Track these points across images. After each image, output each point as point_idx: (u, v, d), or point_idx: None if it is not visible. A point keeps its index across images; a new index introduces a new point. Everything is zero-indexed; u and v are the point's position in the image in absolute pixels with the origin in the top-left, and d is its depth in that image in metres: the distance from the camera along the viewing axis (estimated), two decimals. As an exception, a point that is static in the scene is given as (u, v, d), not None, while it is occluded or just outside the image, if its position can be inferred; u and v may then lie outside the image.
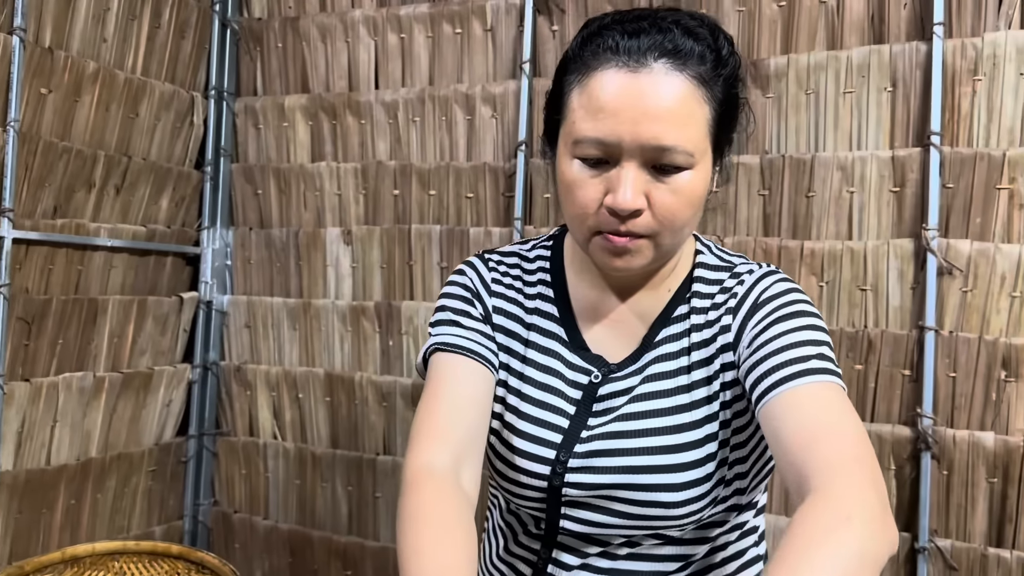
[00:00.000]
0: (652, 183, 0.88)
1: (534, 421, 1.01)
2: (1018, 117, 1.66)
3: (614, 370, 1.00)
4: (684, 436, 0.95)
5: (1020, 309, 1.65)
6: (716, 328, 0.97)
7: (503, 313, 1.06)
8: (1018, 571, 1.62)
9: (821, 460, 0.79)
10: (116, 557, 1.46)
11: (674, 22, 0.88)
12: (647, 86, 0.85)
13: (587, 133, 0.87)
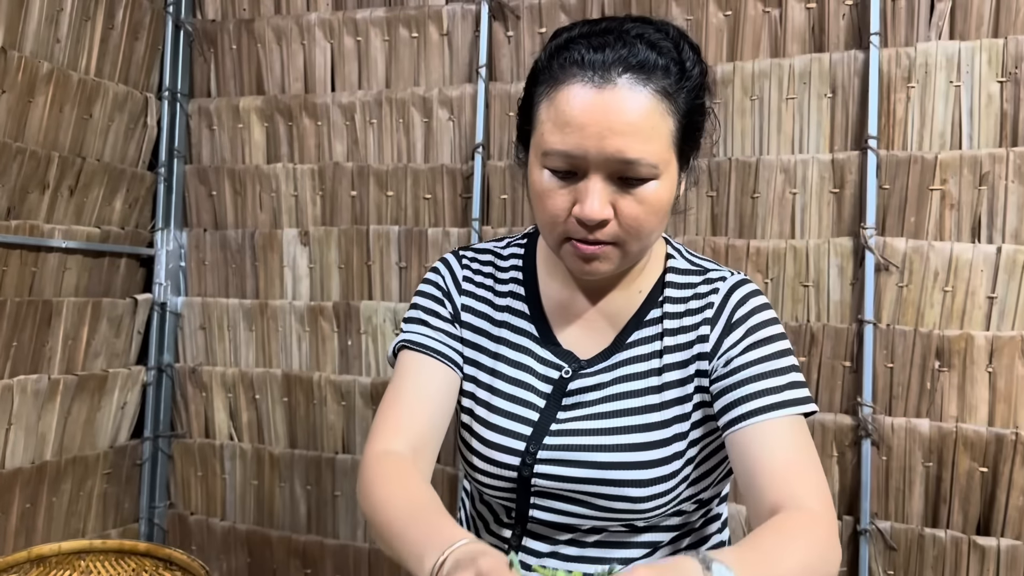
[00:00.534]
0: (618, 194, 0.92)
1: (504, 414, 1.05)
2: (949, 122, 1.77)
3: (584, 366, 1.05)
4: (653, 435, 1.00)
5: (952, 303, 1.75)
6: (693, 336, 1.02)
7: (472, 311, 1.11)
8: (952, 549, 1.72)
9: (787, 497, 0.88)
10: (82, 556, 1.47)
11: (639, 35, 0.92)
12: (612, 101, 0.89)
13: (555, 146, 0.92)
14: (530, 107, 0.98)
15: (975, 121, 1.75)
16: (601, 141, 0.89)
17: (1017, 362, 1.69)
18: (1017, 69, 1.71)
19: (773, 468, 0.91)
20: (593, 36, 0.93)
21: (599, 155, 0.90)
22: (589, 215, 0.91)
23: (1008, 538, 1.69)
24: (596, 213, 0.91)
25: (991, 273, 1.72)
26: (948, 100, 1.77)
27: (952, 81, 1.76)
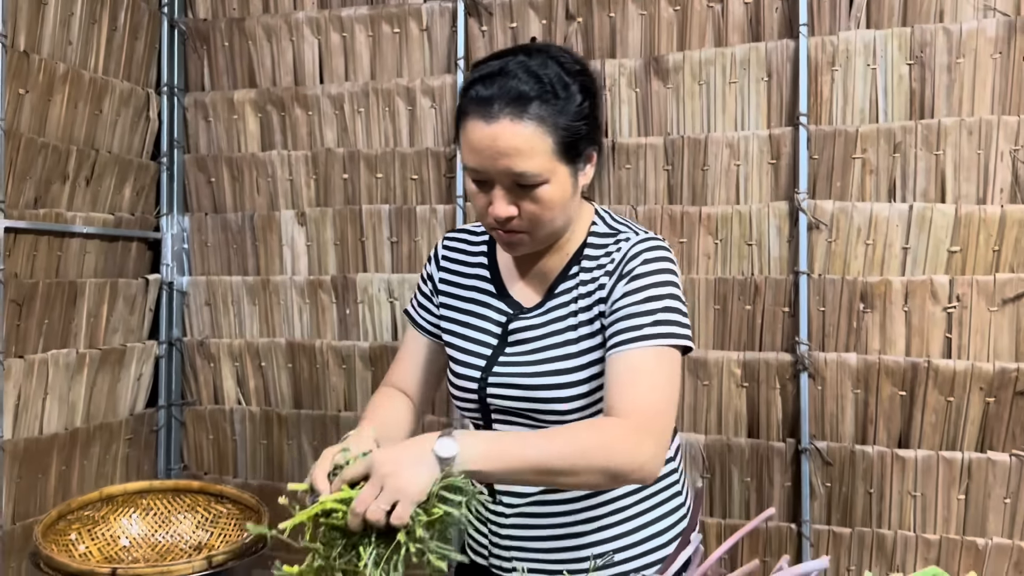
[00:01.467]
0: (519, 195, 1.18)
1: (468, 352, 1.35)
2: (867, 100, 2.07)
3: (523, 312, 1.32)
4: (570, 363, 1.27)
5: (873, 254, 2.06)
6: (596, 285, 1.28)
7: (447, 282, 1.41)
8: (878, 462, 2.05)
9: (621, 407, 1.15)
10: (144, 495, 1.71)
11: (520, 64, 1.17)
12: (498, 132, 1.14)
13: (468, 163, 1.20)
14: (457, 124, 1.24)
15: (889, 98, 2.06)
16: (494, 162, 1.16)
17: (928, 302, 2.01)
18: (923, 53, 2.02)
19: (617, 387, 1.18)
20: (484, 77, 1.18)
21: (496, 172, 1.17)
22: (495, 216, 1.19)
23: (924, 449, 2.02)
24: (500, 215, 1.19)
25: (904, 228, 2.04)
26: (866, 81, 2.07)
27: (869, 64, 2.06)
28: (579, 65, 1.23)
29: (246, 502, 1.67)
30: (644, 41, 2.25)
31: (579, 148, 1.21)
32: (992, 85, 1.98)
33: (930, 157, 2.02)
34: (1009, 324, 1.96)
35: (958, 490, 1.99)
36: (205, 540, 1.69)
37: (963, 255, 2.00)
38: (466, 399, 1.34)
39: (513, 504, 1.34)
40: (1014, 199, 1.97)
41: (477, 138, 1.16)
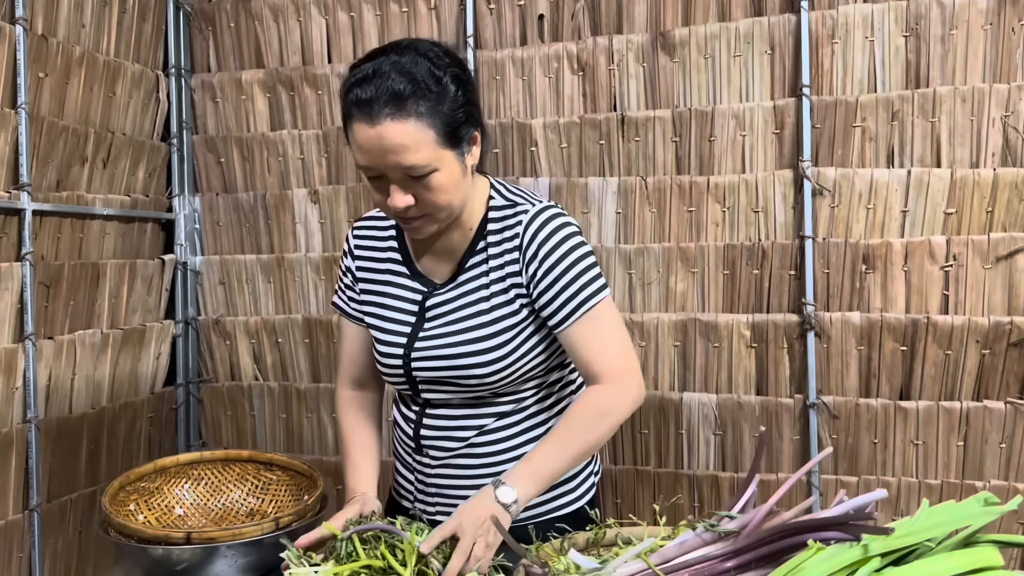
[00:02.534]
0: (413, 185, 1.26)
1: (388, 331, 1.45)
2: (866, 71, 2.17)
3: (438, 288, 1.42)
4: (485, 331, 1.38)
5: (874, 218, 2.18)
6: (505, 260, 1.38)
7: (363, 269, 1.51)
8: (882, 413, 2.17)
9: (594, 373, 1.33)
10: (195, 465, 1.76)
11: (393, 64, 1.23)
12: (382, 132, 1.21)
13: (361, 163, 1.27)
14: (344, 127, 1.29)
15: (886, 69, 2.16)
16: (384, 159, 1.23)
17: (926, 261, 2.13)
18: (918, 25, 2.12)
19: (581, 355, 1.35)
20: (361, 81, 1.24)
21: (386, 168, 1.25)
22: (393, 207, 1.28)
23: (925, 400, 2.14)
24: (399, 205, 1.27)
25: (903, 192, 2.15)
26: (865, 53, 2.17)
27: (867, 37, 2.16)
28: (448, 57, 1.30)
29: (297, 468, 1.73)
30: (650, 17, 2.32)
31: (460, 134, 1.28)
32: (983, 55, 2.09)
33: (926, 124, 2.13)
34: (1002, 280, 2.09)
35: (957, 437, 2.13)
36: (257, 506, 1.75)
37: (958, 216, 2.12)
38: (392, 372, 1.45)
39: (438, 457, 1.46)
40: (1005, 163, 2.09)
41: (364, 139, 1.23)
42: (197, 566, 1.42)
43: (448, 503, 1.47)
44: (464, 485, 1.46)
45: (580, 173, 2.36)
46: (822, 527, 0.95)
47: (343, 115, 1.28)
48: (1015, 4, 2.05)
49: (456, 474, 1.47)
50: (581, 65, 2.35)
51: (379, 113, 1.21)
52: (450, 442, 1.46)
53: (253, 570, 1.45)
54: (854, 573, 0.91)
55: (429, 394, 1.45)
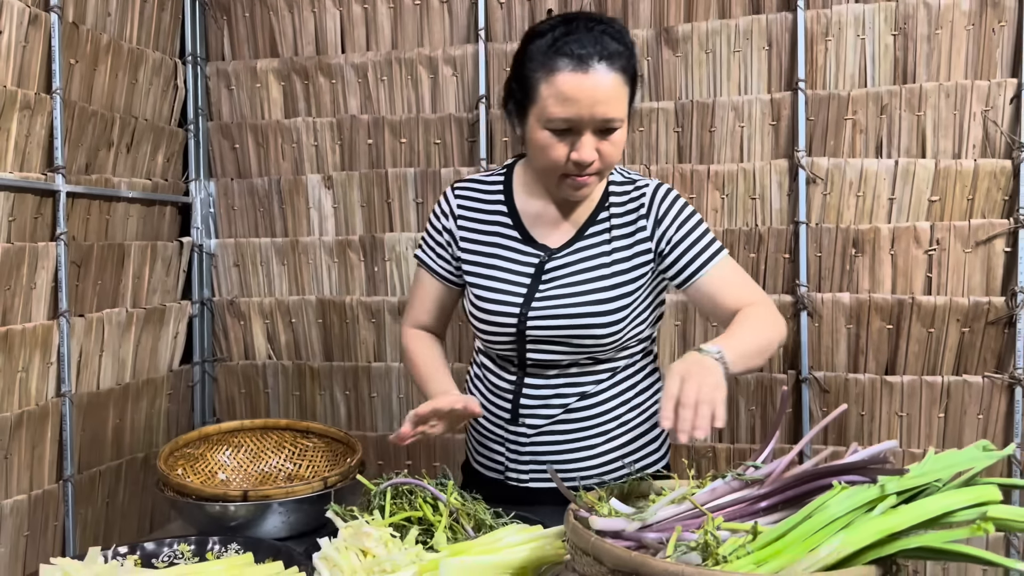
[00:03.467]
0: (600, 141, 1.39)
1: (501, 291, 1.53)
2: (857, 67, 2.32)
3: (555, 253, 1.53)
4: (605, 293, 1.49)
5: (863, 205, 2.33)
6: (633, 228, 1.51)
7: (467, 228, 1.59)
8: (869, 387, 2.33)
9: (743, 301, 1.43)
10: (235, 433, 1.87)
11: (602, 31, 1.37)
12: (596, 82, 1.34)
13: (558, 115, 1.36)
14: (526, 82, 1.41)
15: (876, 66, 2.31)
16: (591, 109, 1.35)
17: (911, 245, 2.28)
18: (906, 25, 2.27)
19: (725, 293, 1.47)
20: (573, 34, 1.37)
21: (590, 119, 1.36)
22: (586, 159, 1.39)
23: (909, 375, 2.30)
24: (588, 158, 1.39)
25: (891, 181, 2.30)
26: (856, 50, 2.32)
27: (859, 35, 2.30)
28: (627, 32, 1.44)
29: (333, 435, 1.84)
30: (655, 13, 2.45)
31: (633, 100, 1.44)
32: (966, 53, 2.25)
33: (912, 118, 2.28)
34: (981, 263, 2.25)
35: (938, 409, 2.29)
36: (294, 471, 1.86)
37: (941, 204, 2.27)
38: (502, 332, 1.52)
39: (536, 425, 1.56)
40: (985, 154, 2.25)
41: (573, 87, 1.34)
42: (251, 522, 1.53)
43: (543, 470, 1.56)
44: (560, 451, 1.55)
45: (587, 161, 2.49)
46: (845, 471, 1.08)
47: (532, 66, 1.38)
48: (996, 6, 2.20)
49: (552, 440, 1.55)
50: (589, 58, 2.47)
51: (596, 66, 1.34)
52: (549, 409, 1.54)
53: (301, 526, 1.56)
54: (872, 508, 1.04)
55: (536, 355, 1.52)
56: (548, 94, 1.36)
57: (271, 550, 1.41)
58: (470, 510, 1.44)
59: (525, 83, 1.41)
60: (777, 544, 1.03)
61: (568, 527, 1.11)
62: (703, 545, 1.01)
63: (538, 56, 1.39)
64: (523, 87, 1.42)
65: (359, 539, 1.34)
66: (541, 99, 1.37)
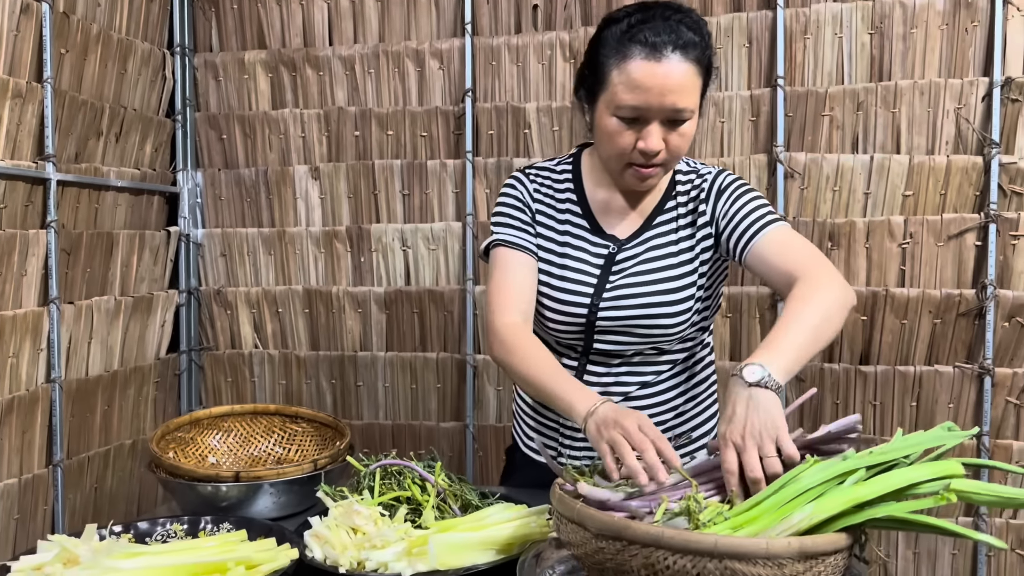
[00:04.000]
0: (668, 132, 1.38)
1: (572, 280, 1.53)
2: (834, 64, 2.38)
3: (624, 244, 1.54)
4: (673, 284, 1.51)
5: (839, 199, 2.39)
6: (695, 215, 1.52)
7: (543, 214, 1.58)
8: (843, 376, 2.39)
9: (803, 268, 1.36)
10: (225, 418, 1.90)
11: (679, 21, 1.37)
12: (668, 71, 1.34)
13: (627, 102, 1.36)
14: (598, 68, 1.42)
15: (853, 63, 2.37)
16: (661, 99, 1.34)
17: (885, 239, 2.35)
18: (882, 24, 2.33)
19: (782, 258, 1.38)
20: (648, 22, 1.37)
21: (660, 109, 1.36)
22: (653, 148, 1.38)
23: (882, 365, 2.37)
24: (654, 147, 1.38)
25: (866, 176, 2.36)
26: (834, 48, 2.38)
27: (836, 33, 2.37)
28: (704, 23, 1.42)
29: (322, 420, 1.88)
30: (638, 10, 2.50)
31: (706, 92, 1.43)
32: (940, 52, 2.31)
33: (888, 114, 2.35)
34: (953, 257, 2.32)
35: (911, 398, 2.36)
36: (284, 455, 1.89)
37: (915, 198, 2.34)
38: (571, 321, 1.51)
39: None
40: (957, 150, 2.31)
41: (646, 76, 1.32)
42: (243, 502, 1.56)
43: (595, 456, 1.53)
44: None
45: (571, 154, 2.54)
46: (821, 442, 1.14)
47: (606, 52, 1.36)
48: (969, 7, 2.27)
49: None
50: (573, 53, 2.52)
51: (670, 55, 1.32)
52: (610, 397, 1.45)
53: (292, 507, 1.60)
54: (843, 481, 1.09)
55: (603, 344, 1.51)
56: (619, 81, 1.34)
57: (263, 529, 1.45)
58: (456, 490, 1.49)
59: (597, 69, 1.39)
60: (753, 511, 1.08)
61: (555, 498, 1.16)
62: (685, 510, 1.06)
63: (612, 42, 1.36)
64: (595, 73, 1.40)
65: (349, 517, 1.39)
66: (612, 85, 1.35)
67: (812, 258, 1.38)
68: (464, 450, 2.62)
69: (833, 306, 1.30)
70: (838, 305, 1.31)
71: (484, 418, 2.64)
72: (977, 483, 1.06)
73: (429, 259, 2.65)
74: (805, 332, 1.25)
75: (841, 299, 1.32)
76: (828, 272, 1.35)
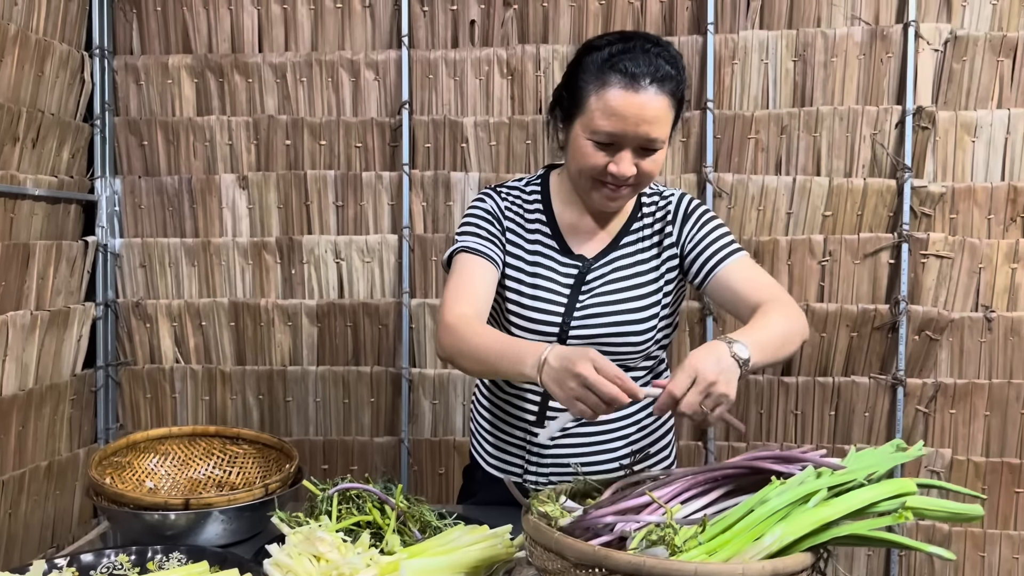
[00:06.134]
0: (639, 158, 1.44)
1: (542, 299, 1.56)
2: (760, 89, 2.49)
3: (592, 263, 1.58)
4: (640, 302, 1.56)
5: (764, 218, 2.49)
6: (662, 236, 1.58)
7: (513, 232, 1.61)
8: (767, 388, 2.50)
9: (770, 297, 1.45)
10: (163, 441, 1.84)
11: (657, 54, 1.43)
12: (644, 102, 1.39)
13: (603, 128, 1.41)
14: (576, 91, 1.46)
15: (777, 89, 2.48)
16: (636, 128, 1.40)
17: (806, 256, 2.47)
18: (805, 52, 2.45)
19: (749, 285, 1.49)
20: (628, 53, 1.42)
21: (634, 137, 1.41)
22: (624, 174, 1.43)
23: (803, 376, 2.49)
24: (626, 172, 1.43)
25: (789, 196, 2.48)
26: (759, 73, 2.48)
27: (762, 59, 2.47)
28: (681, 57, 1.48)
29: (264, 441, 1.83)
30: (574, 29, 2.54)
31: (677, 123, 1.49)
32: (858, 80, 2.45)
33: (809, 138, 2.47)
34: (868, 274, 2.46)
35: (830, 407, 2.48)
36: (224, 479, 1.84)
37: (834, 218, 2.47)
38: (543, 340, 1.50)
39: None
40: (873, 173, 2.45)
41: (622, 104, 1.38)
42: (191, 530, 1.52)
43: (561, 471, 1.59)
44: (581, 453, 1.59)
45: (508, 169, 2.56)
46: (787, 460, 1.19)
47: (586, 78, 1.41)
48: (884, 39, 2.41)
49: (574, 443, 1.59)
50: (510, 70, 2.54)
51: (648, 87, 1.37)
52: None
53: (242, 533, 1.56)
54: (807, 501, 1.15)
55: None
56: (597, 107, 1.40)
57: (216, 558, 1.41)
58: (416, 512, 1.48)
59: (576, 92, 1.44)
60: (726, 535, 1.12)
61: (529, 526, 1.17)
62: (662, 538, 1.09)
63: (592, 68, 1.42)
64: (573, 96, 1.45)
65: (312, 544, 1.36)
66: (590, 110, 1.41)
67: (778, 289, 1.49)
68: (399, 465, 2.60)
69: (796, 330, 1.40)
70: (799, 332, 1.41)
71: (419, 432, 2.63)
72: (930, 499, 1.14)
73: (364, 272, 2.63)
74: (777, 335, 1.36)
75: (802, 328, 1.42)
76: (792, 305, 1.45)
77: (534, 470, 1.63)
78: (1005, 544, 2.45)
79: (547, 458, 1.61)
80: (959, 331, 2.43)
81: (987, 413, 2.43)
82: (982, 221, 2.43)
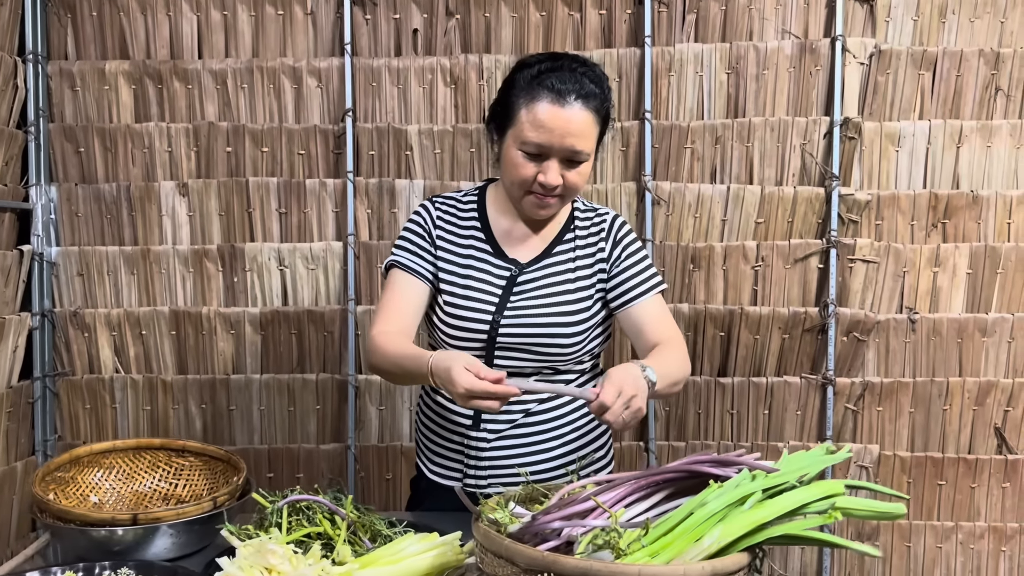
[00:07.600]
0: (566, 169, 1.54)
1: (474, 300, 1.64)
2: (695, 101, 2.57)
3: (525, 267, 1.66)
4: (570, 307, 1.64)
5: (700, 225, 2.58)
6: (596, 248, 1.67)
7: (444, 239, 1.69)
8: (704, 388, 2.58)
9: (665, 338, 1.61)
10: (107, 454, 1.82)
11: (582, 73, 1.54)
12: (570, 116, 1.50)
13: (531, 139, 1.51)
14: (508, 106, 1.56)
15: (712, 100, 2.56)
16: (562, 140, 1.51)
17: (740, 261, 2.56)
18: (738, 65, 2.54)
19: (655, 326, 1.64)
20: (556, 71, 1.52)
21: (560, 149, 1.52)
22: (551, 183, 1.53)
23: (739, 376, 2.58)
24: (553, 182, 1.54)
25: (723, 204, 2.56)
26: (695, 85, 2.56)
27: (697, 72, 2.55)
28: (607, 78, 1.61)
29: (211, 453, 1.83)
30: (515, 40, 2.59)
31: (606, 132, 1.61)
32: (788, 92, 2.55)
33: (742, 148, 2.56)
34: (799, 278, 2.56)
35: (764, 406, 2.58)
36: (170, 491, 1.84)
37: (766, 225, 2.56)
38: (473, 338, 1.63)
39: (496, 430, 1.66)
40: (803, 182, 2.56)
41: (550, 118, 1.49)
42: (139, 545, 1.52)
43: (502, 474, 1.66)
44: (518, 455, 1.66)
45: (452, 177, 2.59)
46: (724, 464, 1.25)
47: (517, 93, 1.53)
48: (812, 52, 2.51)
49: (511, 444, 1.66)
50: (453, 79, 2.57)
51: (573, 103, 1.49)
52: (510, 413, 1.65)
53: (190, 547, 1.57)
54: (743, 503, 1.22)
55: (503, 361, 1.63)
56: (526, 119, 1.51)
57: (166, 572, 1.42)
58: (366, 521, 1.51)
59: (508, 106, 1.56)
60: (667, 537, 1.18)
61: (480, 533, 1.21)
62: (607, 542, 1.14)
63: (523, 84, 1.54)
64: (506, 110, 1.57)
65: (263, 557, 1.38)
66: (520, 122, 1.52)
67: (676, 332, 1.67)
68: (346, 472, 2.61)
69: (686, 373, 1.62)
70: (686, 375, 1.62)
71: (366, 439, 2.64)
72: (857, 500, 1.21)
73: (308, 279, 2.63)
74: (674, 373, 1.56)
75: (687, 373, 1.63)
76: (684, 349, 1.65)
77: (473, 473, 1.69)
78: (929, 534, 2.58)
79: (485, 460, 1.68)
80: (885, 332, 2.55)
81: (912, 410, 2.56)
82: (906, 227, 2.55)
